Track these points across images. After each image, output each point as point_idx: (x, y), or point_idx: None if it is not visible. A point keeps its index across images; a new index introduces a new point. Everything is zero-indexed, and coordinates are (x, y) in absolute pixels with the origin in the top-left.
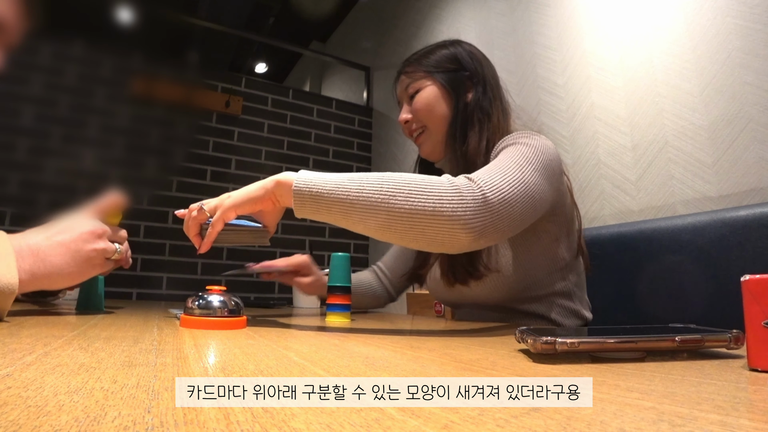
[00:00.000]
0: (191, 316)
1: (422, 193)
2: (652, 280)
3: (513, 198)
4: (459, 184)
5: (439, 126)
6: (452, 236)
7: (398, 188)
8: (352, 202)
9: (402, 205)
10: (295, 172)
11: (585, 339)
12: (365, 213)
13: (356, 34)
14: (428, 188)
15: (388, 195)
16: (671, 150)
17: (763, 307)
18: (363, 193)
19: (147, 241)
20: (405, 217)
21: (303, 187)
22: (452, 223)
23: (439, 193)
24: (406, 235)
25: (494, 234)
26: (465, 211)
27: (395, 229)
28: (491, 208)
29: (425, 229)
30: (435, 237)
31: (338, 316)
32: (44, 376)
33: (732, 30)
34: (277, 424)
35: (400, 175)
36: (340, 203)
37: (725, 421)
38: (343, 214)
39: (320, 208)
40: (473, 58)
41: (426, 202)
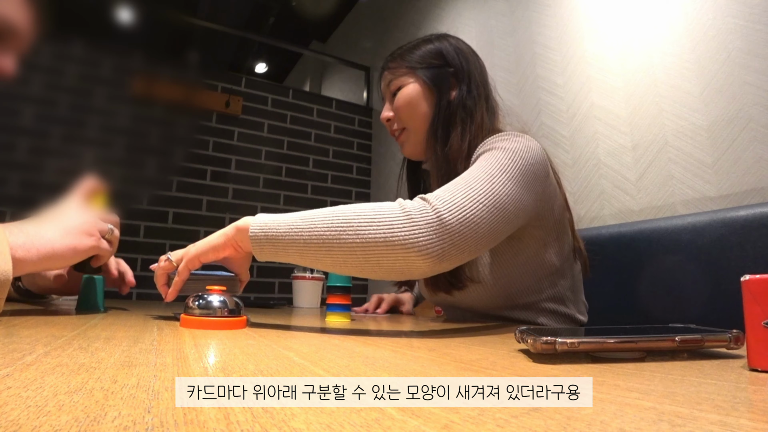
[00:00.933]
0: (191, 316)
1: (372, 224)
2: (652, 280)
3: (477, 215)
4: (410, 209)
5: (419, 125)
6: (409, 264)
7: (348, 222)
8: (306, 241)
9: (353, 239)
10: (252, 217)
11: (585, 339)
12: (319, 251)
13: (356, 34)
14: (378, 218)
15: (338, 231)
16: (671, 150)
17: (763, 307)
18: (314, 232)
19: (147, 241)
20: (358, 250)
21: (259, 232)
22: (406, 250)
23: (390, 221)
24: (363, 268)
25: (458, 255)
26: (418, 237)
27: (351, 264)
28: (449, 230)
29: (380, 259)
30: (392, 266)
31: (338, 316)
32: (44, 376)
33: (732, 30)
34: (277, 424)
35: (351, 208)
36: (294, 244)
37: (725, 421)
38: (299, 254)
39: (278, 251)
40: (459, 54)
41: (377, 233)
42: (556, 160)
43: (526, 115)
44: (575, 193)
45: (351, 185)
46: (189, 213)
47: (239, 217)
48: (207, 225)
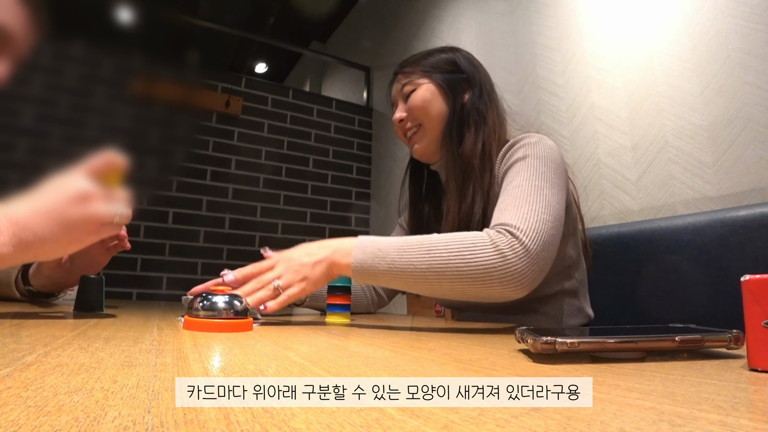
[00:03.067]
0: (195, 318)
1: (470, 262)
2: (652, 280)
3: (549, 233)
4: (500, 244)
5: (434, 124)
6: (504, 293)
7: (446, 259)
8: (406, 276)
9: (453, 273)
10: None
11: (585, 339)
12: (420, 283)
13: (356, 34)
14: (475, 256)
15: (438, 267)
16: (671, 150)
17: (763, 307)
18: (414, 267)
19: (147, 241)
20: (456, 284)
21: (360, 268)
22: (502, 285)
23: (486, 259)
24: (461, 296)
25: (541, 275)
26: (513, 272)
27: (450, 293)
28: (536, 258)
29: (479, 291)
30: (489, 296)
31: (338, 316)
32: (44, 376)
33: (732, 30)
34: (277, 424)
35: (445, 240)
36: (395, 279)
37: (725, 421)
38: (399, 285)
39: (378, 281)
40: (470, 63)
41: (476, 270)
42: None
43: (526, 116)
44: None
45: (351, 185)
46: (189, 213)
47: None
48: (207, 225)
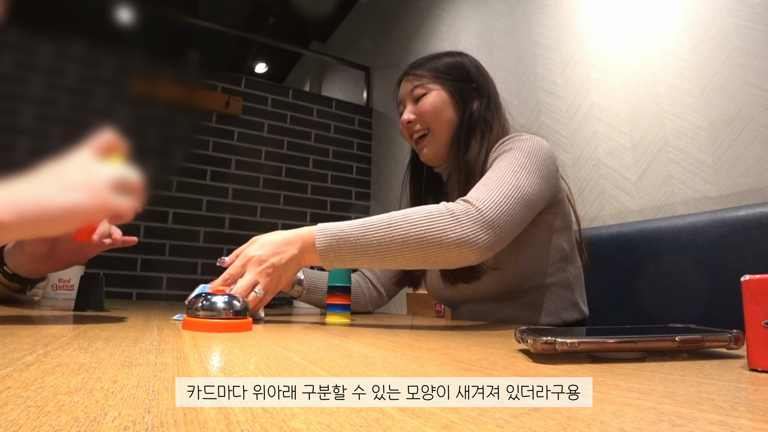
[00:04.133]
0: (195, 318)
1: (428, 229)
2: (652, 280)
3: (510, 208)
4: (456, 211)
5: (444, 130)
6: (462, 257)
7: (406, 230)
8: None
9: (413, 243)
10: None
11: (585, 339)
12: (385, 257)
13: (356, 34)
14: (432, 223)
15: (400, 237)
16: (671, 150)
17: (763, 307)
18: (377, 241)
19: (147, 241)
20: (419, 252)
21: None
22: (459, 247)
23: (442, 224)
24: (424, 264)
25: (500, 244)
26: (467, 235)
27: (414, 263)
28: (491, 225)
29: (438, 257)
30: (448, 261)
31: (338, 316)
32: (44, 376)
33: (732, 30)
34: (277, 424)
35: (403, 215)
36: (361, 255)
37: (725, 421)
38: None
39: (345, 262)
40: (479, 71)
41: (433, 236)
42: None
43: (526, 115)
44: (575, 193)
45: (351, 185)
46: (189, 213)
47: (239, 218)
48: (207, 225)
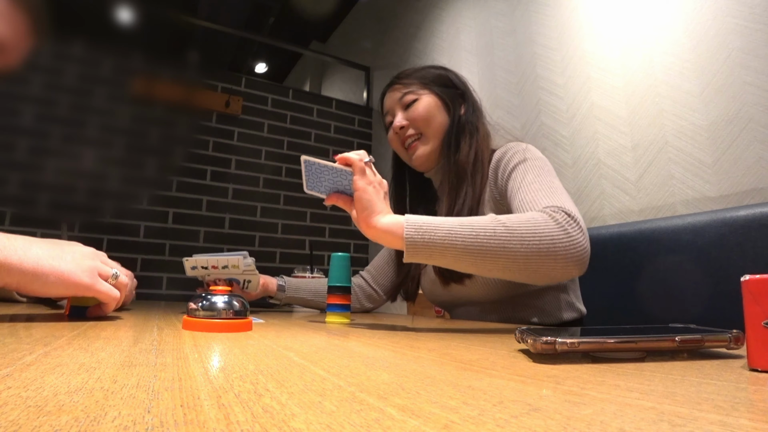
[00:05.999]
0: (195, 318)
1: (535, 236)
2: (652, 280)
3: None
4: (563, 223)
5: (436, 133)
6: (566, 271)
7: (511, 233)
8: (466, 247)
9: (518, 249)
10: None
11: (585, 339)
12: (479, 258)
13: (356, 34)
14: (539, 231)
15: (502, 240)
16: (671, 150)
17: (763, 307)
18: (477, 239)
19: (147, 241)
20: (521, 259)
21: (415, 234)
22: (566, 260)
23: (551, 234)
24: (520, 274)
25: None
26: (577, 245)
27: (511, 270)
28: (587, 236)
29: (540, 267)
30: (549, 273)
31: (338, 316)
32: (44, 376)
33: (732, 30)
34: (277, 424)
35: (507, 219)
36: (453, 249)
37: (725, 421)
38: (455, 258)
39: (433, 254)
40: (461, 81)
41: (540, 244)
42: (556, 159)
43: (526, 115)
44: (575, 193)
45: None
46: (189, 213)
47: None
48: (207, 225)
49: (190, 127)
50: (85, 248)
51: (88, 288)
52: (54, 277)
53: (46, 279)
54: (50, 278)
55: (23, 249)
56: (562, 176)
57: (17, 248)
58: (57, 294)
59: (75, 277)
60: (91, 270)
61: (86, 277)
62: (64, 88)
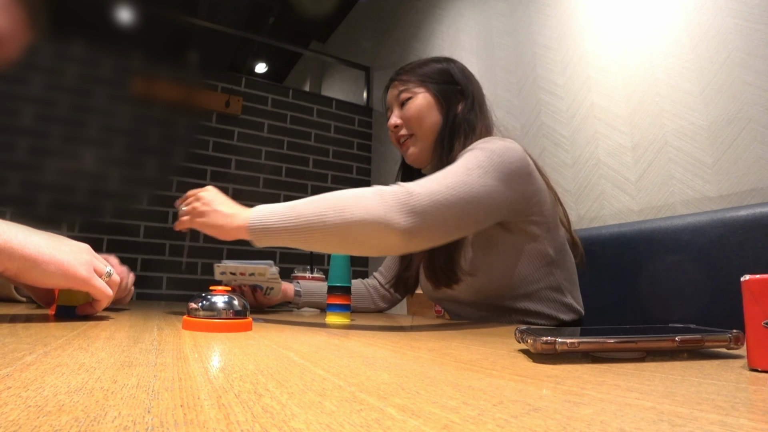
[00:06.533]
0: (195, 318)
1: (351, 205)
2: (652, 280)
3: (447, 199)
4: (383, 191)
5: (427, 133)
6: (384, 239)
7: (328, 206)
8: (295, 227)
9: (333, 220)
10: (247, 211)
11: (585, 339)
12: (306, 234)
13: (356, 34)
14: (355, 200)
15: (320, 214)
16: (671, 150)
17: (763, 307)
18: (300, 218)
19: (147, 241)
20: (338, 230)
21: (257, 224)
22: (379, 226)
23: (365, 202)
24: (345, 246)
25: (428, 233)
26: (389, 214)
27: (334, 243)
28: (417, 209)
29: (358, 237)
30: (370, 242)
31: (338, 316)
32: (44, 376)
33: (732, 30)
34: (277, 424)
35: (332, 193)
36: (285, 231)
37: (725, 421)
38: (289, 239)
39: (269, 239)
40: (464, 75)
41: (353, 213)
42: (556, 159)
43: (526, 115)
44: (575, 193)
45: (351, 185)
46: None
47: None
48: None
49: (190, 127)
50: (80, 243)
51: (85, 282)
52: (54, 266)
53: (45, 267)
54: (50, 267)
55: (24, 235)
56: (562, 176)
57: (18, 234)
58: (54, 284)
59: (74, 269)
60: (88, 264)
61: (84, 270)
62: (64, 88)
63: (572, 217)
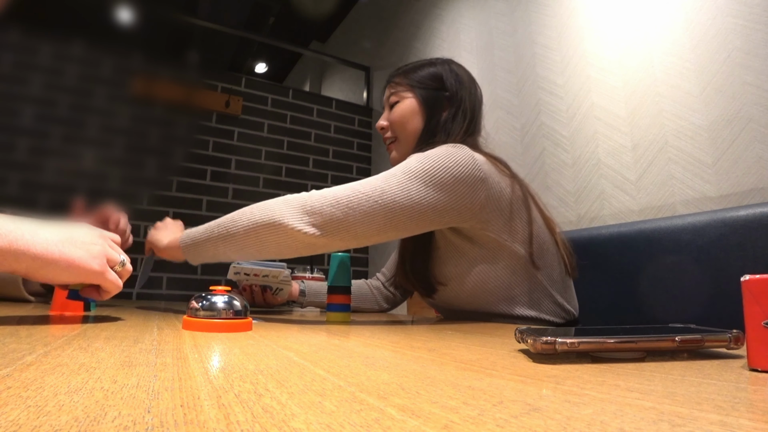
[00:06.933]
0: (195, 318)
1: (257, 211)
2: (652, 280)
3: (352, 202)
4: (289, 196)
5: (408, 138)
6: (294, 239)
7: (241, 214)
8: (217, 238)
9: (246, 225)
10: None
11: (585, 339)
12: (227, 244)
13: (356, 34)
14: (264, 206)
15: (234, 222)
16: (671, 150)
17: (763, 307)
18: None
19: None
20: (252, 235)
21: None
22: (279, 226)
23: (271, 206)
24: (262, 250)
25: (332, 234)
26: (286, 214)
27: (252, 248)
28: (316, 209)
29: (268, 238)
30: (283, 243)
31: (338, 315)
32: (44, 376)
33: (732, 30)
34: (277, 424)
35: (253, 205)
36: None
37: (725, 421)
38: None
39: (200, 252)
40: (457, 80)
41: (259, 217)
42: (556, 159)
43: (526, 115)
44: (575, 193)
45: None
46: (189, 213)
47: None
48: None
49: (190, 127)
50: (93, 229)
51: (98, 276)
52: (64, 263)
53: (56, 265)
54: (60, 264)
55: (31, 234)
56: (562, 176)
57: (25, 233)
58: (66, 281)
59: (86, 264)
60: (101, 256)
61: (96, 264)
62: (64, 88)
63: (572, 217)
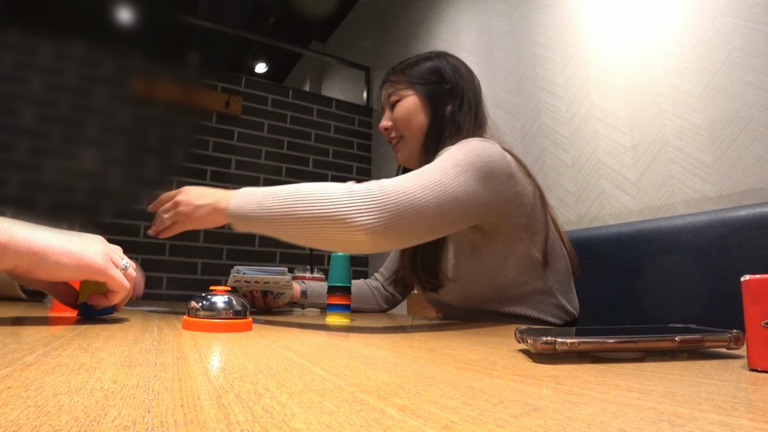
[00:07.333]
0: (195, 318)
1: (319, 201)
2: (652, 280)
3: (422, 198)
4: (355, 189)
5: (415, 136)
6: (351, 237)
7: (300, 199)
8: (270, 217)
9: (303, 214)
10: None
11: (585, 339)
12: (279, 225)
13: (356, 34)
14: (326, 195)
15: (292, 207)
16: (671, 150)
17: (763, 307)
18: (275, 209)
19: (147, 241)
20: (307, 225)
21: (237, 211)
22: (347, 225)
23: (335, 198)
24: (313, 241)
25: (398, 233)
26: (358, 212)
27: (303, 237)
28: (388, 208)
29: (325, 233)
30: (338, 240)
31: (338, 316)
32: (44, 376)
33: (732, 30)
34: (277, 424)
35: (306, 186)
36: (261, 220)
37: (725, 421)
38: (264, 229)
39: (250, 227)
40: (456, 72)
41: (322, 209)
42: (556, 159)
43: (526, 115)
44: (575, 193)
45: None
46: None
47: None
48: None
49: (190, 127)
50: (93, 235)
51: (101, 271)
52: (66, 256)
53: (57, 258)
54: (62, 258)
55: (29, 230)
56: (562, 176)
57: (22, 228)
58: (69, 276)
59: (88, 258)
60: (104, 254)
61: (100, 259)
62: (64, 88)
63: (572, 217)
